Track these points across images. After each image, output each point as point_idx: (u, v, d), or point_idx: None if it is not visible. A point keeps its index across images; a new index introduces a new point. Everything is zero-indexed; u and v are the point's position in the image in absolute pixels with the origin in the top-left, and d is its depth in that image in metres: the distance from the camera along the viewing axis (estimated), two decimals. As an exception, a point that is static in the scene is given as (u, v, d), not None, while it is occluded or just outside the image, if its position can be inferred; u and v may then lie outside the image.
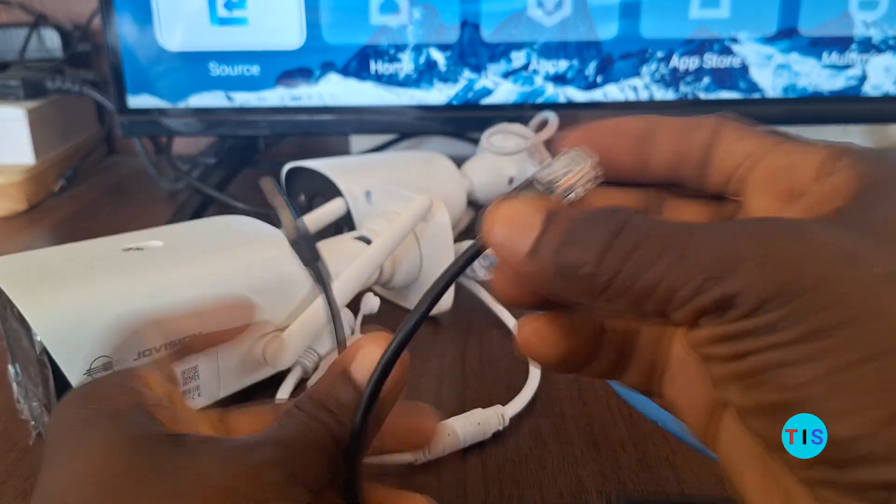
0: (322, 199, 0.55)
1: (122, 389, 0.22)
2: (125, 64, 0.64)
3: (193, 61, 0.64)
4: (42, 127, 0.78)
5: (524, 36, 0.64)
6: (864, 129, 0.93)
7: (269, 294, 0.39)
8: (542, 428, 0.38)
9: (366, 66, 0.64)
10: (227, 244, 0.40)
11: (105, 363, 0.33)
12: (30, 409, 0.38)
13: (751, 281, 0.16)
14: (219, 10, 0.63)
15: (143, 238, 0.39)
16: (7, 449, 0.37)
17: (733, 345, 0.17)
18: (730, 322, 0.17)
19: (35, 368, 0.34)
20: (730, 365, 0.17)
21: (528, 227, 0.19)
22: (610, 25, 0.63)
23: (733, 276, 0.16)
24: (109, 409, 0.21)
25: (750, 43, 0.64)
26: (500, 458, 0.36)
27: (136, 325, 0.33)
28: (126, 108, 0.65)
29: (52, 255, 0.37)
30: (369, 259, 0.43)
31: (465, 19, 0.63)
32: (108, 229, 0.42)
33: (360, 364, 0.23)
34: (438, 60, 0.64)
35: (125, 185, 0.84)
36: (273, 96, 0.65)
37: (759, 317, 0.16)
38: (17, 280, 0.34)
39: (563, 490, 0.34)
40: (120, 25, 0.63)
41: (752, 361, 0.16)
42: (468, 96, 0.65)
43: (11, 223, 0.72)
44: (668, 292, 0.17)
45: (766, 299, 0.16)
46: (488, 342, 0.46)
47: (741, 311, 0.16)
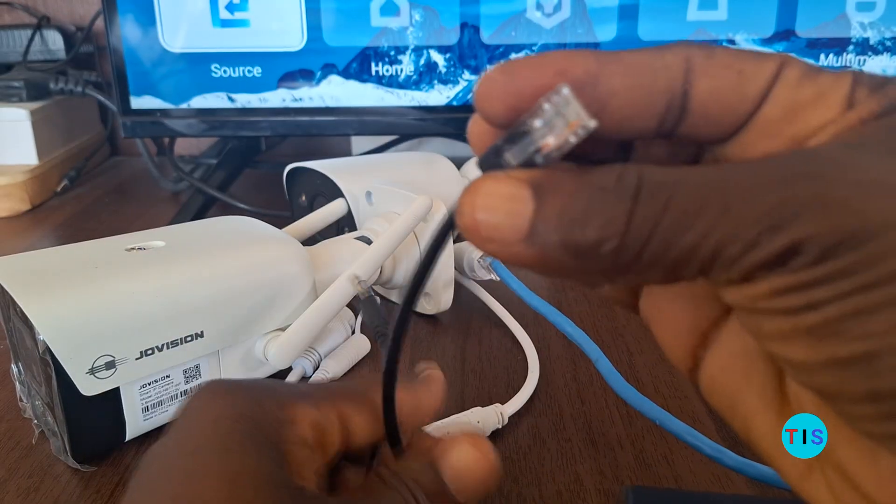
0: (323, 200, 0.55)
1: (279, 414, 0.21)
2: (128, 65, 0.64)
3: (196, 63, 0.64)
4: (45, 128, 0.79)
5: (523, 38, 0.64)
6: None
7: (270, 294, 0.39)
8: (541, 426, 0.38)
9: (366, 68, 0.64)
10: (230, 244, 0.40)
11: (108, 362, 0.34)
12: (32, 407, 0.38)
13: (817, 226, 0.14)
14: (221, 12, 0.63)
15: (146, 238, 0.40)
16: (10, 447, 0.37)
17: (802, 295, 0.15)
18: (797, 271, 0.15)
19: (38, 367, 0.34)
20: (797, 318, 0.15)
21: (518, 205, 0.16)
22: (608, 27, 0.64)
23: (796, 222, 0.14)
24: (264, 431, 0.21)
25: (747, 44, 0.64)
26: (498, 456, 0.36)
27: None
28: (129, 109, 0.66)
29: (55, 255, 0.37)
30: (370, 259, 0.43)
31: (464, 21, 0.63)
32: (110, 229, 0.42)
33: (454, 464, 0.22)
34: (438, 62, 0.64)
35: (128, 186, 0.85)
36: (274, 97, 0.65)
37: (831, 263, 0.14)
38: (21, 280, 0.34)
39: (562, 487, 0.34)
40: (123, 27, 0.63)
41: (826, 312, 0.15)
42: (468, 98, 0.65)
43: (14, 223, 0.73)
44: (713, 252, 0.15)
45: (837, 243, 0.14)
46: (488, 341, 0.47)
47: (809, 258, 0.15)
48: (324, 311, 0.40)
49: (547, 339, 0.46)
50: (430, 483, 0.22)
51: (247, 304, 0.38)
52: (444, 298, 0.48)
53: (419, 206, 0.46)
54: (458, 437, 0.23)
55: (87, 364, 0.33)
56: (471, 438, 0.23)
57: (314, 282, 0.41)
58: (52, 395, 0.34)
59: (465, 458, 0.22)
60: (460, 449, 0.22)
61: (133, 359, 0.34)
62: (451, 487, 0.22)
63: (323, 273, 0.43)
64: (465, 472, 0.22)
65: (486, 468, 0.22)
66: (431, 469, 0.22)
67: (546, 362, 0.44)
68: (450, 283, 0.48)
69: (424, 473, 0.22)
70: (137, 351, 0.34)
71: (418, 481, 0.22)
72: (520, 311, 0.47)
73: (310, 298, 0.41)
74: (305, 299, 0.41)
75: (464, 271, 0.50)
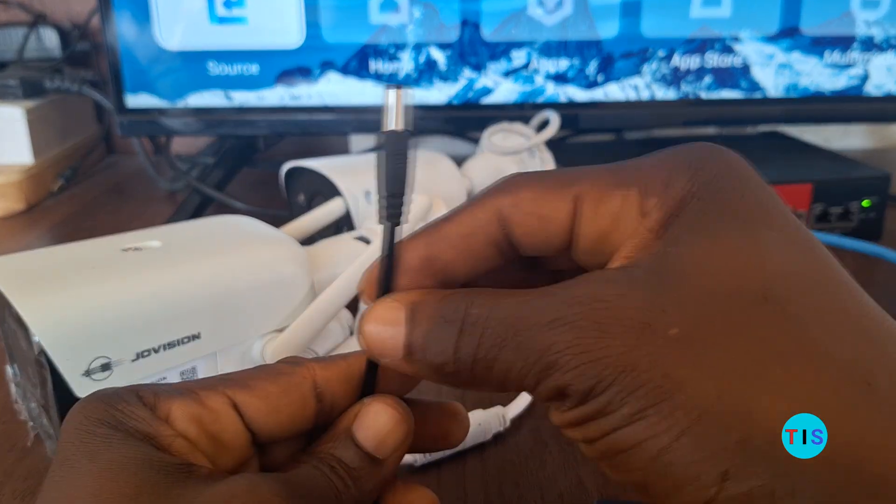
0: (321, 199, 0.55)
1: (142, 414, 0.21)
2: (124, 63, 0.64)
3: (192, 60, 0.64)
4: (41, 126, 0.78)
5: (524, 35, 0.63)
6: (866, 128, 0.93)
7: (268, 294, 0.39)
8: (543, 429, 0.38)
9: (365, 66, 0.64)
10: (227, 244, 0.40)
11: (103, 364, 0.33)
12: (28, 409, 0.38)
13: (573, 372, 0.17)
14: (218, 9, 0.63)
15: (142, 238, 0.39)
16: (6, 450, 0.37)
17: (581, 429, 0.18)
18: (570, 410, 0.18)
19: (33, 369, 0.34)
20: (588, 447, 0.18)
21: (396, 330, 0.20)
22: (611, 24, 0.63)
23: (558, 370, 0.18)
24: (129, 428, 0.21)
25: (751, 42, 0.64)
26: (500, 459, 0.36)
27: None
28: (125, 108, 0.65)
29: (51, 255, 0.37)
30: (369, 259, 0.43)
31: (465, 18, 0.63)
32: (106, 229, 0.42)
33: (364, 426, 0.22)
34: (439, 60, 0.64)
35: (124, 185, 0.84)
36: (272, 96, 0.65)
37: (591, 404, 0.17)
38: (15, 280, 0.34)
39: (564, 491, 0.34)
40: (119, 25, 0.63)
41: (601, 445, 0.18)
42: (468, 95, 0.65)
43: (10, 223, 0.72)
44: (517, 382, 0.18)
45: (591, 387, 0.17)
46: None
47: (574, 401, 0.18)
48: (322, 311, 0.40)
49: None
50: (348, 453, 0.22)
51: (244, 304, 0.38)
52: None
53: (419, 206, 0.45)
54: (363, 401, 0.23)
55: (83, 366, 0.33)
56: (375, 398, 0.23)
57: (312, 282, 0.41)
58: (48, 396, 0.33)
59: (373, 418, 0.23)
60: (366, 411, 0.23)
61: (129, 360, 0.34)
62: (368, 449, 0.22)
63: (321, 273, 0.43)
64: (376, 431, 0.22)
65: (395, 419, 0.23)
66: (346, 438, 0.22)
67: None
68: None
69: (341, 445, 0.22)
70: (133, 353, 0.34)
71: (334, 454, 0.22)
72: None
73: (308, 299, 0.41)
74: (304, 300, 0.40)
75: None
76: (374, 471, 0.22)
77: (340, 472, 0.22)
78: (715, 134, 0.79)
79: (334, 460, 0.22)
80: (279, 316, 0.40)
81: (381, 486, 0.23)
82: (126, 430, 0.21)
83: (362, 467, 0.22)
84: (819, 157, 0.66)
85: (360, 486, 0.22)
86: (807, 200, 0.58)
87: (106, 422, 0.21)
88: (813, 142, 0.72)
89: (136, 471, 0.19)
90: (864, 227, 0.60)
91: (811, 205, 0.58)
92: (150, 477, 0.19)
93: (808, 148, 0.69)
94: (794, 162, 0.65)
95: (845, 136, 0.92)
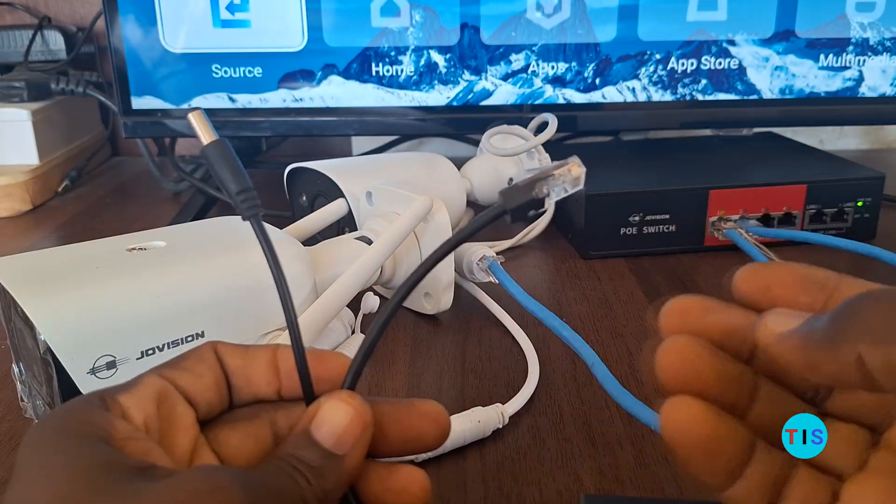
0: (324, 200, 0.55)
1: (97, 416, 0.22)
2: (129, 66, 0.65)
3: (196, 63, 0.65)
4: (46, 128, 0.79)
5: (523, 38, 0.64)
6: (860, 129, 0.93)
7: (270, 294, 0.39)
8: (541, 426, 0.38)
9: (367, 68, 0.65)
10: (230, 245, 0.40)
11: (108, 362, 0.34)
12: (34, 407, 0.38)
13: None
14: (221, 13, 0.63)
15: (147, 238, 0.40)
16: (12, 447, 0.37)
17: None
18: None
19: (39, 367, 0.34)
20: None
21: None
22: (608, 28, 0.64)
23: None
24: (82, 433, 0.21)
25: (747, 45, 0.64)
26: (499, 456, 0.36)
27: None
28: (130, 110, 0.66)
29: (56, 255, 0.37)
30: (370, 259, 0.43)
31: (464, 22, 0.63)
32: (111, 230, 0.42)
33: (321, 424, 0.23)
34: (439, 62, 0.64)
35: (129, 186, 0.85)
36: (275, 98, 0.65)
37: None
38: (22, 280, 0.34)
39: (562, 487, 0.34)
40: (124, 27, 0.64)
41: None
42: (468, 98, 0.65)
43: (16, 223, 0.73)
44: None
45: None
46: (488, 341, 0.47)
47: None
48: (324, 311, 0.40)
49: (546, 340, 0.46)
50: (308, 452, 0.23)
51: (247, 304, 0.38)
52: (444, 299, 0.48)
53: (419, 207, 0.46)
54: (320, 399, 0.24)
55: (88, 364, 0.33)
56: (332, 395, 0.24)
57: (315, 282, 0.42)
58: (53, 395, 0.34)
59: (329, 416, 0.23)
60: (323, 409, 0.23)
61: (134, 359, 0.34)
62: (327, 446, 0.23)
63: (323, 273, 0.43)
64: (333, 428, 0.23)
65: (350, 415, 0.23)
66: (306, 437, 0.23)
67: (546, 362, 0.44)
68: (450, 284, 0.48)
69: (301, 444, 0.23)
70: (138, 351, 0.35)
71: (295, 454, 0.23)
72: (519, 312, 0.47)
73: (310, 298, 0.41)
74: (306, 299, 0.41)
75: (463, 273, 0.50)
76: (336, 466, 0.23)
77: (302, 470, 0.22)
78: (711, 135, 0.80)
79: (294, 459, 0.22)
80: (282, 315, 0.40)
81: (347, 481, 0.23)
82: (81, 434, 0.21)
83: (323, 465, 0.22)
84: (813, 158, 0.66)
85: (323, 483, 0.22)
86: (801, 201, 0.59)
87: (60, 429, 0.21)
88: (808, 143, 0.72)
89: (90, 472, 0.20)
90: (858, 228, 0.60)
91: (805, 205, 0.59)
92: (104, 477, 0.20)
93: (802, 149, 0.70)
94: (788, 163, 0.65)
95: (840, 138, 0.93)
